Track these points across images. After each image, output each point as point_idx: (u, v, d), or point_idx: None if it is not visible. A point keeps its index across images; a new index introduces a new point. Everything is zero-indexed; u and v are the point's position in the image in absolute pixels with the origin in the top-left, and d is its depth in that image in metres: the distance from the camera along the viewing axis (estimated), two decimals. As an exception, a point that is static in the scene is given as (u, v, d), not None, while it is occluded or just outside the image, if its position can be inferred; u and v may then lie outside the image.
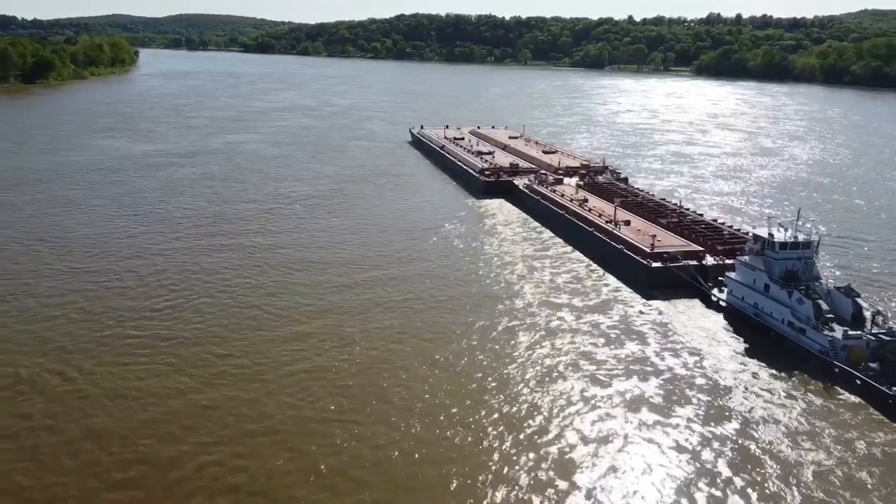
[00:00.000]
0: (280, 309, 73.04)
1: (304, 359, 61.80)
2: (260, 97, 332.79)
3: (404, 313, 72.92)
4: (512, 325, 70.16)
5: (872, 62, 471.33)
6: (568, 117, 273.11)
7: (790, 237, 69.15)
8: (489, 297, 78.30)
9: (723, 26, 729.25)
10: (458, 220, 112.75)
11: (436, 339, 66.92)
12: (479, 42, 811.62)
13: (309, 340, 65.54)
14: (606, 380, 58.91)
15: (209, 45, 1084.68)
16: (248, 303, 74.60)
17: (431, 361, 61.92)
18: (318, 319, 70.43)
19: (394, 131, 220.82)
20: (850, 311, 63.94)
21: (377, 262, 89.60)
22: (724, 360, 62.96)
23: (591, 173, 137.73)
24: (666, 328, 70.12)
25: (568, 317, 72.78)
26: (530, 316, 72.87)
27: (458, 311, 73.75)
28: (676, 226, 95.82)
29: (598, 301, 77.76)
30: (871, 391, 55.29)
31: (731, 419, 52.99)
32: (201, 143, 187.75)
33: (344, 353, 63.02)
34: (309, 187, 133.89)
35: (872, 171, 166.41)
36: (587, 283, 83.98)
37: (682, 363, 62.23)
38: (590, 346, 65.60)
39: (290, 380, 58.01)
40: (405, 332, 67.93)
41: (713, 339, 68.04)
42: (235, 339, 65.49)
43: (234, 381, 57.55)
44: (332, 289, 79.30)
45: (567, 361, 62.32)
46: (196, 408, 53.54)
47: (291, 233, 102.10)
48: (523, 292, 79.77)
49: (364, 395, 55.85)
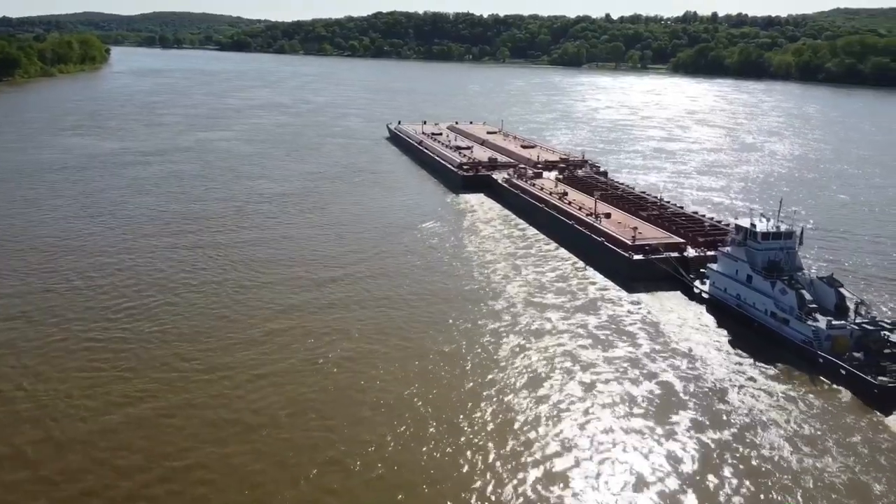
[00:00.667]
0: (250, 309, 69.38)
1: (273, 363, 58.23)
2: (234, 95, 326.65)
3: (381, 314, 69.54)
4: (492, 320, 67.16)
5: (846, 60, 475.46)
6: (547, 114, 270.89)
7: (772, 227, 68.40)
8: (469, 293, 75.19)
9: (699, 24, 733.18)
10: (437, 216, 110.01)
11: (416, 339, 63.55)
12: (457, 40, 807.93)
13: (279, 343, 61.96)
14: (589, 374, 57.13)
15: (184, 44, 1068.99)
16: (215, 303, 70.86)
17: (411, 364, 58.53)
18: (288, 321, 66.79)
19: (371, 128, 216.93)
20: (833, 301, 63.23)
21: (352, 261, 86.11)
22: (708, 352, 61.78)
23: (571, 167, 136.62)
24: (648, 321, 68.73)
25: (550, 311, 70.40)
26: (510, 309, 70.12)
27: (437, 308, 70.51)
28: (657, 218, 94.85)
29: (580, 294, 76.13)
30: (856, 381, 54.62)
31: (715, 411, 51.86)
32: (172, 140, 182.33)
33: (317, 357, 59.54)
34: (282, 186, 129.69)
35: (853, 166, 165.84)
36: (568, 276, 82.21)
37: (664, 356, 60.91)
38: (572, 340, 63.66)
39: (260, 386, 54.34)
40: (383, 334, 64.56)
41: (696, 330, 66.83)
42: (202, 341, 61.79)
43: (201, 386, 53.89)
44: (304, 289, 75.58)
45: (549, 356, 60.38)
46: (160, 415, 49.84)
47: (262, 232, 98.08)
48: (504, 287, 77.11)
49: (342, 402, 52.43)
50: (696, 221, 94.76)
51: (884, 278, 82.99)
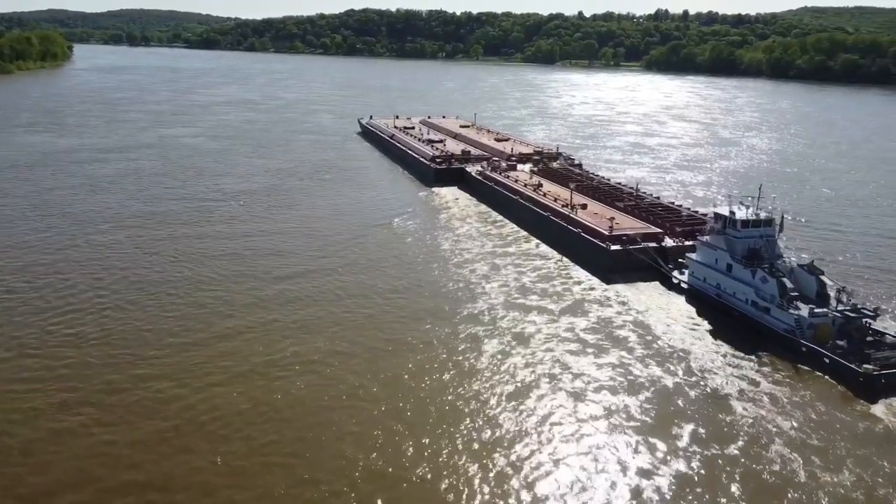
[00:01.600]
0: (206, 315, 63.29)
1: (231, 379, 52.32)
2: (201, 91, 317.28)
3: (350, 320, 63.94)
4: (469, 316, 63.23)
5: (816, 57, 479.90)
6: (522, 110, 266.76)
7: (752, 215, 67.15)
8: (444, 291, 70.34)
9: (671, 22, 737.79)
10: (410, 211, 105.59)
11: (391, 347, 58.13)
12: (430, 38, 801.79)
13: (237, 356, 56.11)
14: (568, 370, 54.66)
15: (151, 42, 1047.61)
16: (162, 306, 64.99)
17: (384, 376, 53.11)
18: (247, 331, 60.94)
19: (342, 124, 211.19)
20: (814, 289, 62.06)
21: (319, 262, 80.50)
22: (688, 344, 59.99)
23: (546, 159, 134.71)
24: (627, 312, 66.73)
25: (527, 305, 67.46)
26: (487, 303, 66.93)
27: (411, 307, 65.31)
28: (634, 209, 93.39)
29: (557, 286, 73.65)
30: (841, 369, 53.68)
31: (697, 403, 50.15)
32: (133, 137, 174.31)
33: (279, 371, 53.76)
34: (247, 183, 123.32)
35: (832, 160, 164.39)
36: (544, 269, 79.62)
37: (644, 348, 58.89)
38: (550, 336, 60.74)
39: (215, 405, 48.48)
40: (351, 342, 59.08)
41: (676, 321, 65.05)
42: (151, 356, 55.58)
43: (147, 410, 47.80)
44: (268, 294, 69.74)
45: (528, 352, 57.62)
46: (100, 443, 43.84)
47: (222, 232, 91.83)
48: (479, 282, 73.55)
49: (306, 423, 46.83)
50: (673, 211, 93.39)
51: (864, 266, 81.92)
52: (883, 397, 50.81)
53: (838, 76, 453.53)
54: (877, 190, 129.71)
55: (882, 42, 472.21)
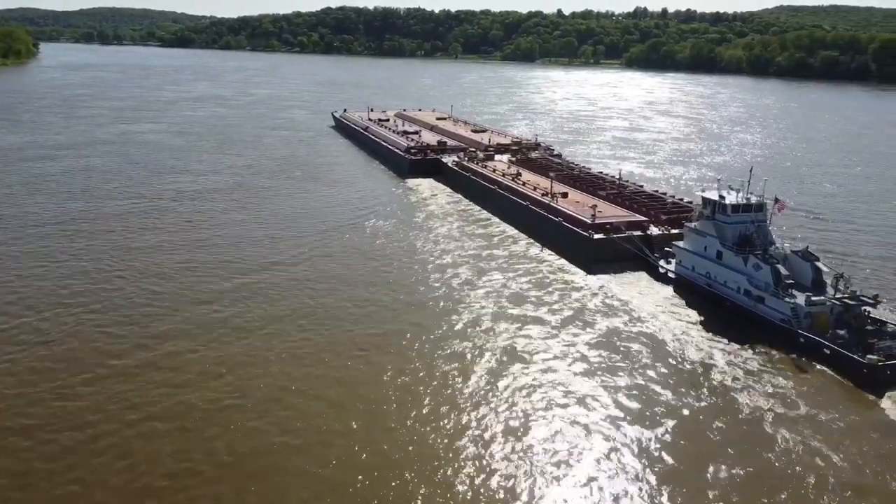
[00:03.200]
0: (151, 321, 54.15)
1: (181, 397, 43.78)
2: (170, 87, 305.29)
3: (314, 334, 55.13)
4: (445, 312, 58.12)
5: (796, 54, 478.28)
6: (503, 105, 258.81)
7: (742, 199, 63.73)
8: (419, 291, 62.39)
9: (650, 20, 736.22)
10: (383, 208, 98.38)
11: (358, 363, 49.25)
12: (409, 36, 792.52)
13: (188, 370, 47.81)
14: (557, 367, 50.54)
15: (124, 40, 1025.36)
16: (107, 320, 55.84)
17: (353, 404, 44.25)
18: (198, 341, 52.37)
19: (316, 119, 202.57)
20: (809, 276, 58.78)
21: (281, 265, 71.70)
22: (678, 336, 56.00)
23: (524, 149, 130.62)
24: (612, 304, 62.74)
25: (509, 301, 62.73)
26: (464, 303, 61.89)
27: (386, 314, 56.57)
28: (616, 197, 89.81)
29: (538, 279, 69.29)
30: (843, 361, 50.14)
31: (690, 400, 46.18)
32: (90, 133, 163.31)
33: (234, 389, 45.20)
34: (209, 181, 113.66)
35: (829, 154, 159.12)
36: (524, 261, 75.22)
37: (632, 342, 54.77)
38: (531, 331, 56.50)
39: (158, 428, 40.20)
40: (314, 363, 50.32)
41: (664, 313, 61.05)
42: (82, 372, 46.91)
43: (81, 438, 39.20)
44: (222, 301, 60.82)
45: (512, 350, 53.19)
46: (16, 474, 35.68)
47: (176, 233, 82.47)
48: (456, 275, 68.93)
49: (259, 468, 37.81)
50: (658, 199, 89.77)
51: (855, 255, 78.09)
52: (887, 389, 47.26)
53: (818, 73, 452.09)
54: (882, 184, 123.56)
55: (861, 39, 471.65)
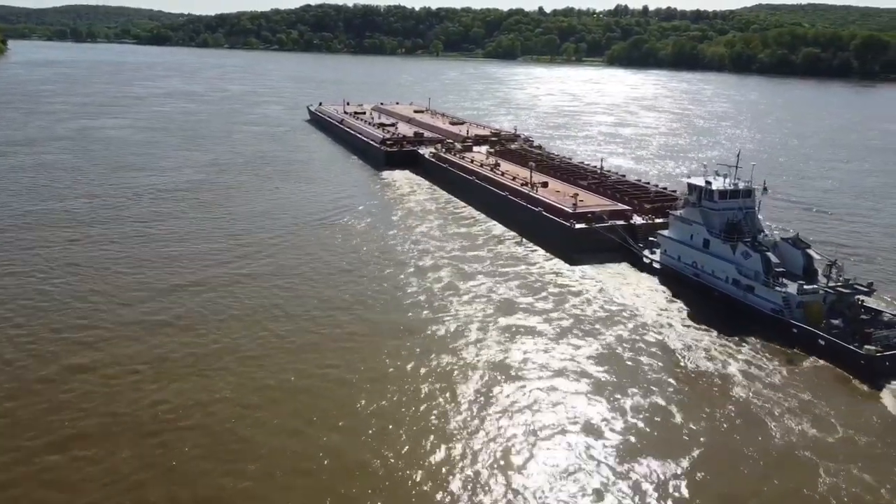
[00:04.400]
0: (81, 331, 46.24)
1: (85, 416, 35.97)
2: (141, 83, 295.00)
3: (273, 344, 47.98)
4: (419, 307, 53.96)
5: (778, 51, 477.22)
6: (485, 101, 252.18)
7: (730, 185, 61.07)
8: (400, 295, 55.30)
9: (631, 18, 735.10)
10: (355, 202, 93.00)
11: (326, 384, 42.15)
12: (389, 34, 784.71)
13: (96, 402, 39.53)
14: (538, 363, 47.15)
15: (98, 38, 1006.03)
16: (39, 327, 47.76)
17: (320, 428, 37.14)
18: (139, 356, 44.40)
19: (291, 115, 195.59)
20: (800, 264, 56.39)
21: (240, 269, 64.17)
22: (666, 329, 53.11)
23: (503, 141, 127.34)
24: (596, 296, 59.68)
25: (483, 293, 59.38)
26: (439, 295, 58.30)
27: (351, 329, 49.51)
28: (598, 186, 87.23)
29: (517, 270, 66.06)
30: (839, 352, 47.64)
31: (681, 396, 43.21)
32: (49, 129, 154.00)
33: (176, 418, 37.88)
34: (171, 178, 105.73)
35: (822, 149, 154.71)
36: (503, 252, 72.19)
37: (617, 336, 51.67)
38: (510, 324, 53.18)
39: (76, 459, 32.89)
40: (277, 378, 42.96)
41: (650, 305, 58.11)
42: None
43: None
44: (170, 312, 53.26)
45: (495, 347, 49.38)
46: None
47: (127, 235, 74.48)
48: (436, 276, 63.50)
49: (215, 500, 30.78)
50: (641, 189, 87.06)
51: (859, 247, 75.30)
52: (886, 380, 44.84)
53: (800, 70, 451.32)
54: (886, 179, 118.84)
55: (843, 36, 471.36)
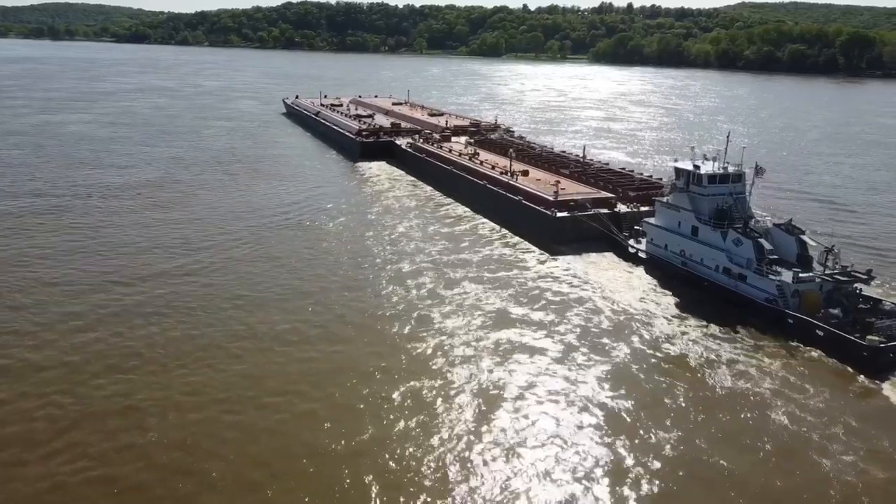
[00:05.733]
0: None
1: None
2: (112, 79, 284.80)
3: (226, 367, 40.16)
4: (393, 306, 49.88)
5: (764, 47, 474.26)
6: (469, 96, 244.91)
7: (719, 169, 58.31)
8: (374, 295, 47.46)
9: (616, 15, 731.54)
10: (326, 197, 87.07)
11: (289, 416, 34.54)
12: (372, 31, 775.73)
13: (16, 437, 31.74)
14: (520, 362, 43.97)
15: (77, 36, 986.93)
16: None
17: (285, 466, 29.49)
18: (44, 386, 36.28)
19: (267, 110, 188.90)
20: (794, 251, 53.91)
21: (192, 276, 56.46)
22: (653, 323, 50.01)
23: (483, 131, 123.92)
24: (579, 289, 56.77)
25: (460, 285, 56.24)
26: (415, 291, 54.76)
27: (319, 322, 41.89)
28: (581, 175, 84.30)
29: (496, 262, 63.22)
30: (839, 343, 45.10)
31: (677, 393, 40.44)
32: (3, 124, 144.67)
33: (121, 440, 29.87)
34: (131, 175, 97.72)
35: (822, 144, 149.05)
36: (481, 243, 69.14)
37: (603, 331, 48.57)
38: (491, 320, 50.14)
39: None
40: (233, 405, 35.18)
41: (636, 297, 55.19)
42: None
43: None
44: (98, 327, 44.81)
45: (465, 342, 46.24)
46: None
47: (68, 239, 66.06)
48: (409, 275, 59.07)
49: None
50: (625, 177, 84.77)
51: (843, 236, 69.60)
52: (889, 372, 42.27)
53: (786, 67, 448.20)
54: (893, 174, 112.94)
55: (829, 32, 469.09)
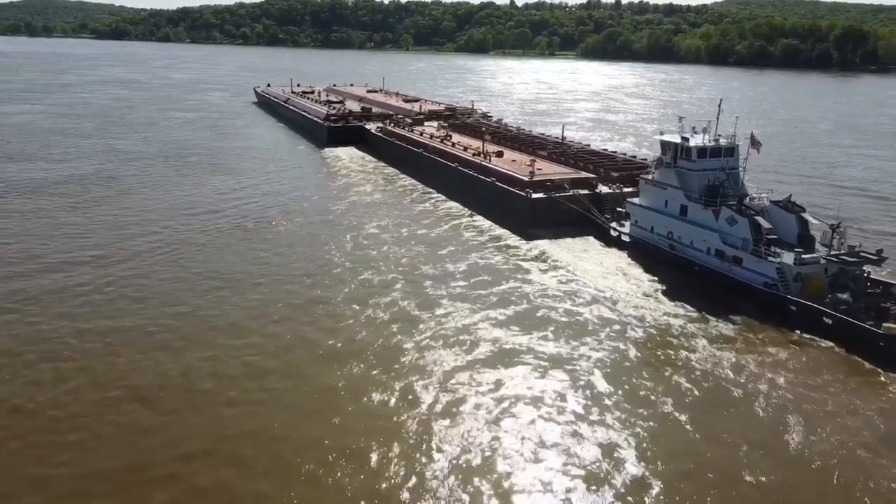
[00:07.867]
0: None
1: None
2: (77, 72, 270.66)
3: (155, 413, 29.63)
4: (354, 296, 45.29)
5: (756, 42, 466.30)
6: (455, 88, 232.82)
7: (709, 141, 54.24)
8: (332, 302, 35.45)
9: (604, 11, 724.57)
10: (286, 190, 79.87)
11: None
12: (358, 27, 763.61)
13: None
14: (495, 361, 38.50)
15: (55, 32, 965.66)
16: None
17: None
18: None
19: (236, 102, 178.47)
20: (794, 231, 49.67)
21: (137, 284, 44.49)
22: (641, 313, 45.39)
23: (458, 115, 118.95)
24: (558, 276, 52.34)
25: (428, 277, 51.55)
26: (377, 283, 50.33)
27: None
28: (560, 155, 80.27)
29: (467, 249, 59.11)
30: (852, 331, 39.70)
31: (672, 391, 35.28)
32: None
33: None
34: (59, 170, 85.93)
35: (834, 135, 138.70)
36: (450, 229, 65.45)
37: (583, 323, 43.60)
38: (463, 313, 44.94)
39: None
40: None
41: (620, 284, 50.82)
42: None
43: None
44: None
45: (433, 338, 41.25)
46: None
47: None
48: (370, 260, 55.78)
49: None
50: (607, 157, 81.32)
51: None
52: None
53: (778, 62, 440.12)
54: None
55: (822, 27, 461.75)
